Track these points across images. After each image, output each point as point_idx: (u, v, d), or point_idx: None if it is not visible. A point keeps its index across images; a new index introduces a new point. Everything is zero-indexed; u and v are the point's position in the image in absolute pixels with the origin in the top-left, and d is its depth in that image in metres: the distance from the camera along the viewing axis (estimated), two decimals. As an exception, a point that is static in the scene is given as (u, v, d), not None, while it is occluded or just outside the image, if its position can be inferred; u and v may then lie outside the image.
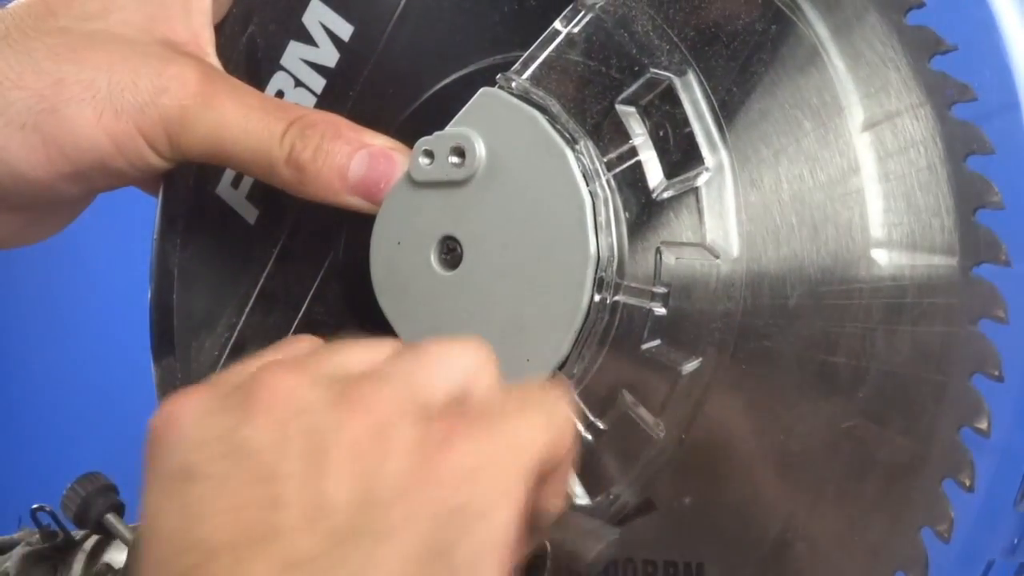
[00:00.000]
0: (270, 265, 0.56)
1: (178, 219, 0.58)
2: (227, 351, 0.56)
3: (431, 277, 0.48)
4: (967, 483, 0.42)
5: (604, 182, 0.46)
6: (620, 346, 0.46)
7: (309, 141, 0.50)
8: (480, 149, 0.47)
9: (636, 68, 0.46)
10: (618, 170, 0.46)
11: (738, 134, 0.46)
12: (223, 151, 0.51)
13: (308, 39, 0.55)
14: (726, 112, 0.46)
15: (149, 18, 0.53)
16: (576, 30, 0.47)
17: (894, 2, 0.45)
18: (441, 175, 0.48)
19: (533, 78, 0.47)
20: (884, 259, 0.44)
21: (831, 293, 0.44)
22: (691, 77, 0.46)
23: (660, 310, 0.45)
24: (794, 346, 0.45)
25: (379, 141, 0.50)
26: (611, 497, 0.47)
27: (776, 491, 0.45)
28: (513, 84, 0.47)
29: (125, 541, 0.67)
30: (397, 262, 0.49)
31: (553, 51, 0.47)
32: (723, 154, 0.46)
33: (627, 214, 0.46)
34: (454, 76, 0.52)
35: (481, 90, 0.48)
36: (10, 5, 0.54)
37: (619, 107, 0.46)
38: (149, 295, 0.59)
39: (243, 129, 0.50)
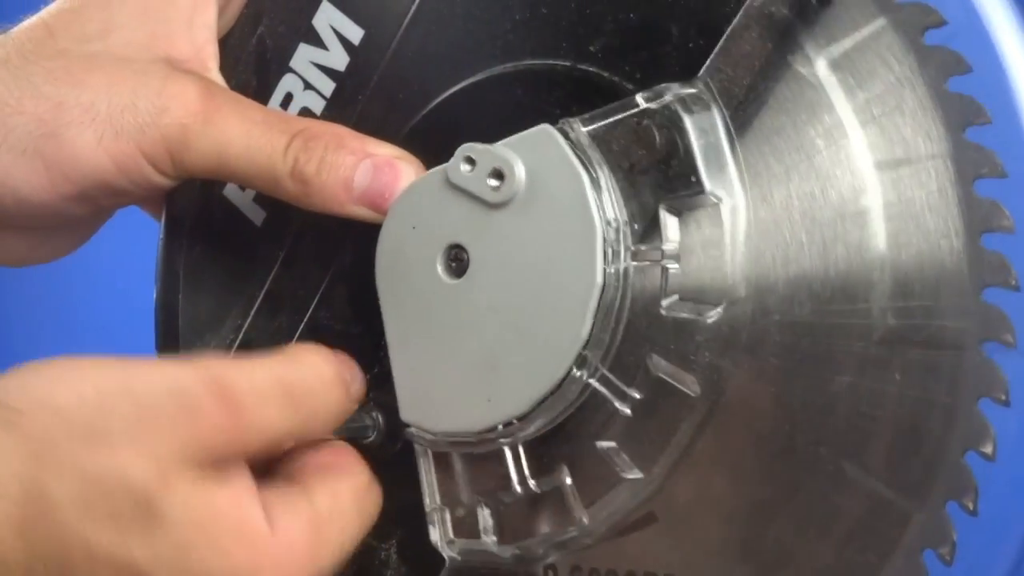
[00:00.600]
0: (276, 267, 0.56)
1: (185, 220, 0.58)
2: (232, 352, 0.56)
3: (431, 276, 0.49)
4: (971, 506, 0.43)
5: (622, 270, 0.46)
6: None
7: (313, 154, 0.50)
8: (519, 183, 0.47)
9: (693, 179, 0.45)
10: (639, 265, 0.46)
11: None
12: (227, 167, 0.51)
13: (318, 42, 0.54)
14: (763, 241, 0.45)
15: (150, 35, 0.53)
16: (653, 106, 0.46)
17: (912, 21, 0.44)
18: (474, 187, 0.48)
19: (594, 136, 0.47)
20: (893, 280, 0.44)
21: (840, 312, 0.45)
22: (740, 202, 0.45)
23: (625, 411, 0.46)
24: (799, 366, 0.45)
25: (383, 150, 0.50)
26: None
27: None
28: (571, 134, 0.47)
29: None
30: (405, 248, 0.49)
31: (623, 119, 0.46)
32: (749, 290, 0.45)
33: (631, 314, 0.46)
34: (464, 83, 0.51)
35: (543, 126, 0.47)
36: (13, 29, 0.53)
37: (663, 211, 0.46)
38: (154, 295, 0.58)
39: (246, 145, 0.50)
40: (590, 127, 0.47)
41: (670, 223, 0.46)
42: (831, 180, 0.45)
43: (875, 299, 0.44)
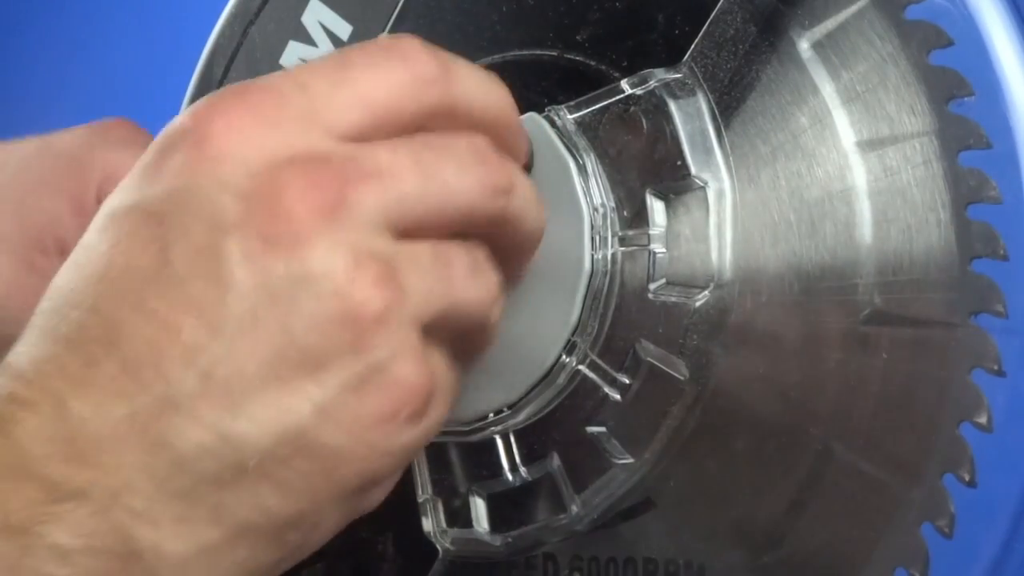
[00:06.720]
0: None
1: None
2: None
3: None
4: (967, 478, 0.42)
5: (610, 255, 0.45)
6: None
7: None
8: None
9: (679, 164, 0.46)
10: (627, 250, 0.46)
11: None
12: None
13: (307, 39, 0.55)
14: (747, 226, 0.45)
15: None
16: (639, 92, 0.46)
17: (893, -3, 0.45)
18: None
19: (581, 122, 0.46)
20: (882, 255, 0.44)
21: (829, 290, 0.44)
22: (726, 184, 0.46)
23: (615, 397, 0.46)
24: (788, 346, 0.45)
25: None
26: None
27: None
28: (558, 121, 0.47)
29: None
30: None
31: (609, 106, 0.46)
32: (737, 272, 0.45)
33: (619, 300, 0.46)
34: (452, 75, 0.52)
35: (529, 114, 0.47)
36: None
37: (649, 196, 0.46)
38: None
39: None
40: (576, 114, 0.47)
41: (657, 208, 0.46)
42: (817, 158, 0.45)
43: (864, 275, 0.44)
